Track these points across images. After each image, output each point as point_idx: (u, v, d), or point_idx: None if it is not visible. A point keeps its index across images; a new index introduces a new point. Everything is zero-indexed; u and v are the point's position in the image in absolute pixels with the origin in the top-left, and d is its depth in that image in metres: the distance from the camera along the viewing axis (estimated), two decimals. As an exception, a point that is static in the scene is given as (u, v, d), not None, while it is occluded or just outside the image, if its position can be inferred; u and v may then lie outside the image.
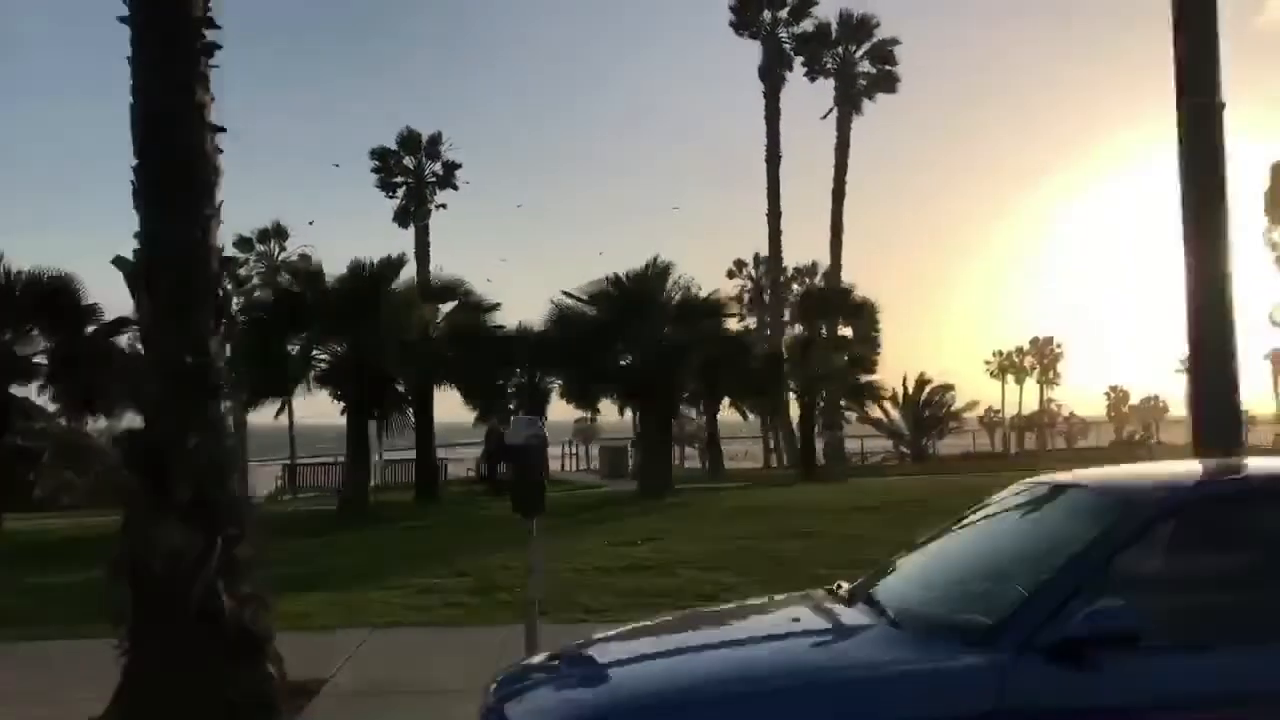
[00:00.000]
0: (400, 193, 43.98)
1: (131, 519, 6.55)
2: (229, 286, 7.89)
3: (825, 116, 41.39)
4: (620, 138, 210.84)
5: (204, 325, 6.64)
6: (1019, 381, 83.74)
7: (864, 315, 31.42)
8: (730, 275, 58.04)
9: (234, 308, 19.22)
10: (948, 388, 40.19)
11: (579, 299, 20.45)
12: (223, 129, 6.77)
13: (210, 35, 6.73)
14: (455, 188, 44.30)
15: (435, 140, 44.31)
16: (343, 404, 19.08)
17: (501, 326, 21.89)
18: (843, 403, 28.87)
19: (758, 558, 12.30)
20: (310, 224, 46.66)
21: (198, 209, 6.65)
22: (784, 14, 40.56)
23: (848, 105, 40.98)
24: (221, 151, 6.78)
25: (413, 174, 44.17)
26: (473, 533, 16.54)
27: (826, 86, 40.83)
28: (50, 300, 15.93)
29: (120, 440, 6.82)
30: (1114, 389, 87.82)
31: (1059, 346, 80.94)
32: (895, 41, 40.71)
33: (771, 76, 40.39)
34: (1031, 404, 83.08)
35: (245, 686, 6.47)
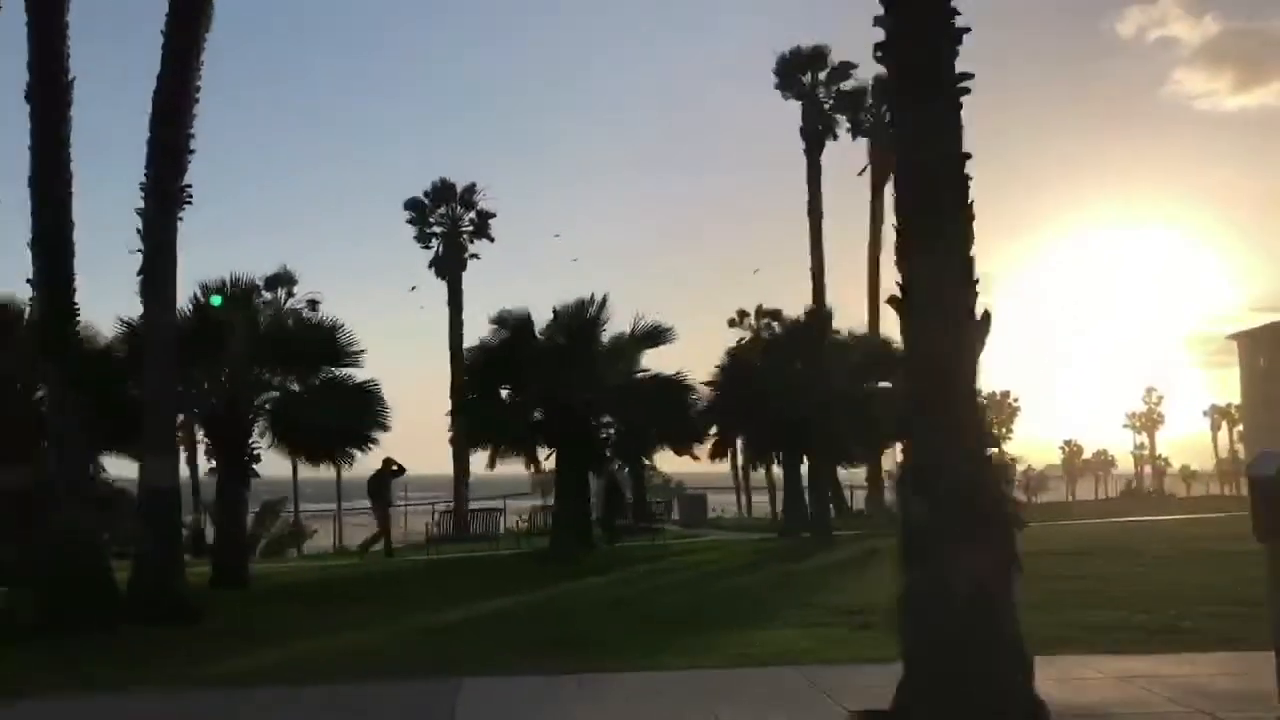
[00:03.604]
0: (436, 243, 44.00)
1: (919, 546, 6.80)
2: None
3: (861, 173, 42.94)
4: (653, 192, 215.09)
5: (974, 356, 7.04)
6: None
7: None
8: (731, 324, 58.94)
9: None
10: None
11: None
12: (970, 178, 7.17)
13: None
14: (491, 238, 44.51)
15: (470, 190, 44.54)
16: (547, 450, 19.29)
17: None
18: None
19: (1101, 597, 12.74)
20: (413, 289, 45.69)
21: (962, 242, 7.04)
22: (823, 75, 41.94)
23: (882, 163, 42.38)
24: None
25: (448, 224, 44.17)
26: (715, 579, 16.66)
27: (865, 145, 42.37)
28: (321, 343, 15.87)
29: (904, 469, 7.08)
30: (1068, 443, 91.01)
31: (1015, 401, 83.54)
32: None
33: (812, 135, 41.58)
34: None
35: (1026, 706, 6.76)
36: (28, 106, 12.90)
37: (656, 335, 19.55)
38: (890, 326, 37.26)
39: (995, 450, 7.19)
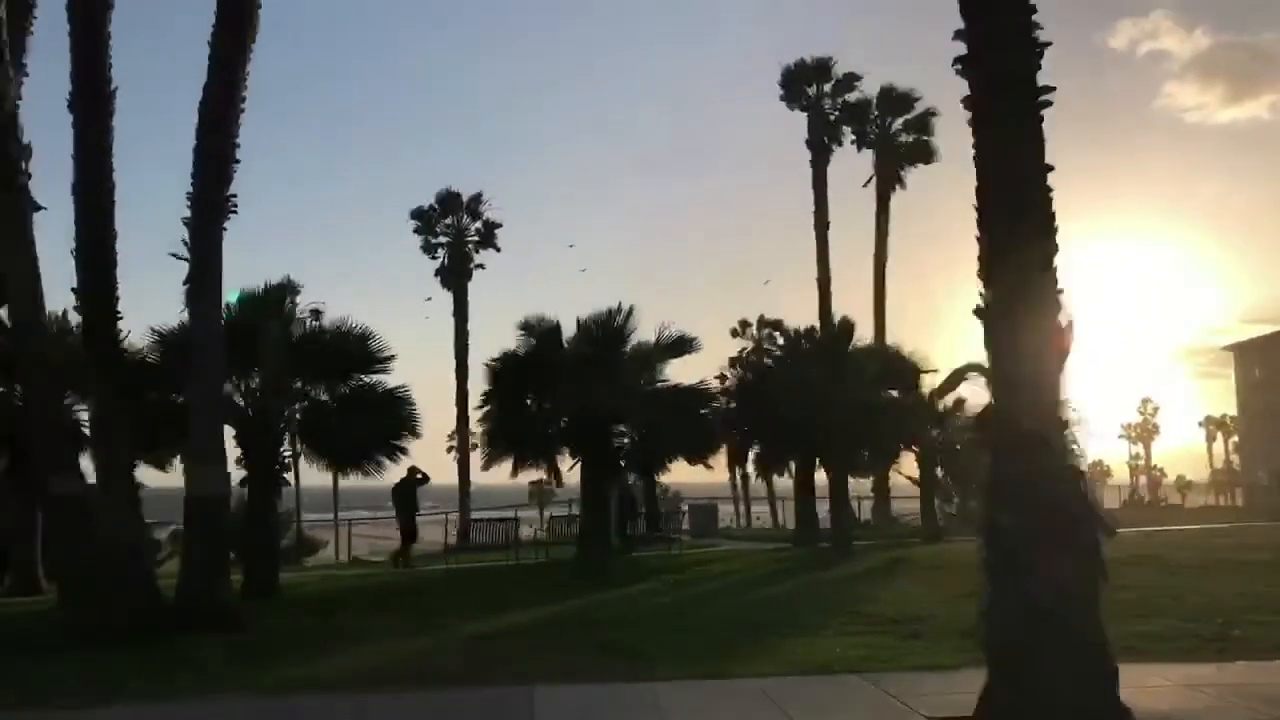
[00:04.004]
0: (441, 253, 44.03)
1: (1006, 556, 6.90)
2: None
3: (867, 184, 43.07)
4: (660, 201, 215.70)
5: (1060, 367, 7.12)
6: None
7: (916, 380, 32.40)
8: (734, 334, 59.13)
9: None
10: (986, 446, 41.31)
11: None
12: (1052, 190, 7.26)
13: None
14: (497, 248, 44.57)
15: (476, 199, 44.61)
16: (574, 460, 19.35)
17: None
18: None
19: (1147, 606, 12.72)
20: (429, 300, 45.34)
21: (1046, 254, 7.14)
22: (828, 87, 42.08)
23: (887, 175, 42.65)
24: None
25: (454, 234, 44.22)
26: (746, 589, 16.69)
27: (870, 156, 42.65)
28: (352, 350, 15.91)
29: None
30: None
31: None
32: (934, 113, 42.46)
33: (818, 146, 41.68)
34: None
35: (1111, 714, 6.83)
36: (70, 116, 12.95)
37: (682, 345, 19.61)
38: (893, 336, 37.68)
39: (1078, 458, 7.29)
